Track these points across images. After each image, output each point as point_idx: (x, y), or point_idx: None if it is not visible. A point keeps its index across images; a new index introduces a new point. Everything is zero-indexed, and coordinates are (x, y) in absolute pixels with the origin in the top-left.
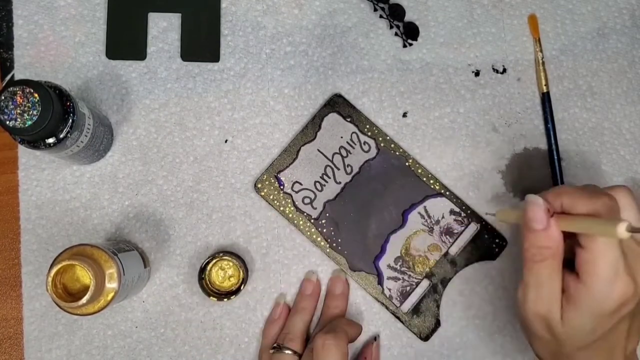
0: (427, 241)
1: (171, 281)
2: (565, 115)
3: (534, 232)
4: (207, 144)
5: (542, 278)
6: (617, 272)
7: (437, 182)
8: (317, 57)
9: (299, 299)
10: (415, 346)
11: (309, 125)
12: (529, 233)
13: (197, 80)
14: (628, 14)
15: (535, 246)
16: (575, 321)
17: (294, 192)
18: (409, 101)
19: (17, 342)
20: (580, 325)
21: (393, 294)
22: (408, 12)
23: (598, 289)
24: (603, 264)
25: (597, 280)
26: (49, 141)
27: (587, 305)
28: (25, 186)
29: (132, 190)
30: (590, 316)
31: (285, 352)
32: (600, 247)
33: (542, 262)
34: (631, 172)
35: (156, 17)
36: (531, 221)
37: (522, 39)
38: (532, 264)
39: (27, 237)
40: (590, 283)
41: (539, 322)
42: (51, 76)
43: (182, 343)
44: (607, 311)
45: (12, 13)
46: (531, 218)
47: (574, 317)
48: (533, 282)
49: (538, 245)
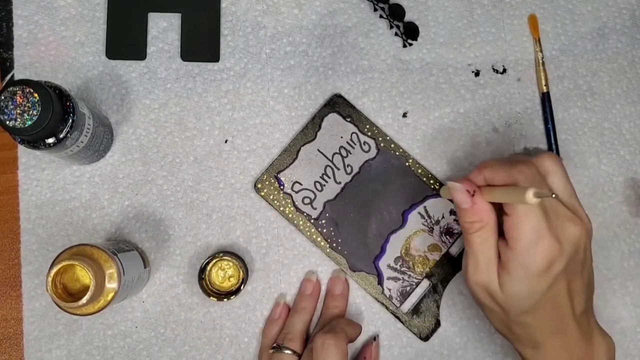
0: (427, 241)
1: (171, 281)
2: (565, 115)
3: (463, 210)
4: (207, 144)
5: (477, 247)
6: (540, 233)
7: (437, 182)
8: (317, 57)
9: (298, 299)
10: (415, 346)
11: (309, 125)
12: (460, 210)
13: (197, 80)
14: (628, 14)
15: (466, 221)
16: (510, 286)
17: (294, 192)
18: (409, 101)
19: (17, 342)
20: (516, 290)
21: (393, 294)
22: (408, 12)
23: (523, 252)
24: (525, 227)
25: (522, 244)
26: (49, 141)
27: (517, 269)
28: (25, 186)
29: (132, 190)
30: (523, 279)
31: (285, 352)
32: (522, 213)
33: (474, 233)
34: (631, 172)
35: (156, 17)
36: (459, 203)
37: (522, 39)
38: (467, 235)
39: (27, 237)
40: (515, 247)
41: (482, 291)
42: (51, 76)
43: (182, 343)
44: (536, 272)
45: (12, 13)
46: (458, 201)
47: (508, 282)
48: (470, 252)
49: (469, 220)
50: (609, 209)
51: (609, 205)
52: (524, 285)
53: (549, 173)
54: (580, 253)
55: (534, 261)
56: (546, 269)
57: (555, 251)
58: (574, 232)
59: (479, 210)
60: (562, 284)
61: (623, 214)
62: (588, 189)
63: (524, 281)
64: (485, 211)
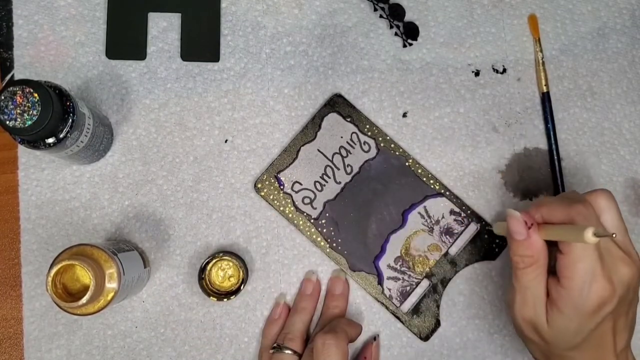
0: (427, 241)
1: (171, 281)
2: (565, 115)
3: (516, 242)
4: (207, 144)
5: (526, 283)
6: (594, 274)
7: (437, 182)
8: (317, 57)
9: (299, 299)
10: (415, 346)
11: (309, 125)
12: (513, 243)
13: (197, 80)
14: (628, 14)
15: (518, 254)
16: (559, 323)
17: (294, 192)
18: (409, 101)
19: (17, 342)
20: (564, 326)
21: (393, 294)
22: (408, 12)
23: (577, 292)
24: (580, 268)
25: (575, 284)
26: (49, 141)
27: (568, 307)
28: (25, 186)
29: (132, 190)
30: (573, 318)
31: (285, 352)
32: (577, 252)
33: (525, 268)
34: (631, 172)
35: (156, 17)
36: (513, 233)
37: (522, 39)
38: (517, 270)
39: (27, 237)
40: (569, 286)
41: (527, 325)
42: (51, 76)
43: (182, 343)
44: (587, 312)
45: (12, 13)
46: (512, 230)
47: (557, 319)
48: (518, 287)
49: (521, 254)
50: None
51: None
52: (574, 323)
53: (602, 211)
54: (630, 293)
55: (586, 302)
56: (597, 310)
57: (608, 293)
58: (627, 273)
59: (532, 244)
60: (608, 324)
61: (623, 214)
62: (588, 188)
63: (574, 320)
64: (539, 247)
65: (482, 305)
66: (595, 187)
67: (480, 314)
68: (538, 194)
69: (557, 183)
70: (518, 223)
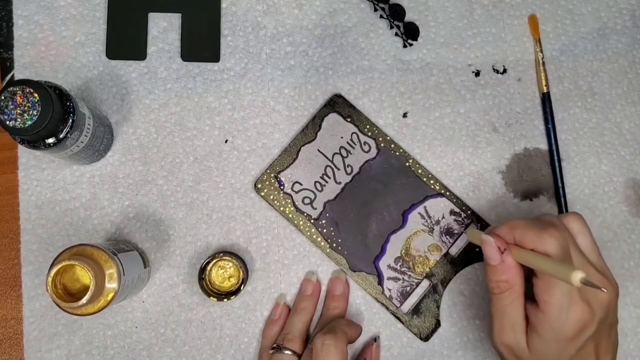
0: (427, 241)
1: (171, 281)
2: (566, 115)
3: (491, 267)
4: (207, 144)
5: (503, 309)
6: (572, 298)
7: (437, 182)
8: (317, 57)
9: (298, 299)
10: (415, 346)
11: (309, 126)
12: (488, 267)
13: (197, 80)
14: (628, 14)
15: (493, 280)
16: (540, 348)
17: (294, 192)
18: (409, 101)
19: (17, 342)
20: (545, 352)
21: (393, 294)
22: (408, 12)
23: (555, 317)
24: (557, 291)
25: (554, 308)
26: (49, 141)
27: (547, 332)
28: (25, 186)
29: (132, 190)
30: (553, 342)
31: (285, 352)
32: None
33: (501, 294)
34: (631, 172)
35: (156, 17)
36: (487, 258)
37: (522, 39)
38: (493, 296)
39: (27, 237)
40: (547, 311)
41: (507, 351)
42: (51, 76)
43: (182, 343)
44: (567, 336)
45: (12, 13)
46: (486, 256)
47: (538, 344)
48: (495, 313)
49: (496, 279)
50: (609, 209)
51: (609, 206)
52: (555, 348)
53: (577, 234)
54: (610, 315)
55: (565, 326)
56: (578, 334)
57: (587, 316)
58: (605, 296)
59: (507, 269)
60: (590, 347)
61: (623, 214)
62: (588, 189)
63: (554, 344)
64: (513, 271)
65: (482, 305)
66: (596, 187)
67: (481, 314)
68: (538, 195)
69: (558, 183)
70: (491, 248)
